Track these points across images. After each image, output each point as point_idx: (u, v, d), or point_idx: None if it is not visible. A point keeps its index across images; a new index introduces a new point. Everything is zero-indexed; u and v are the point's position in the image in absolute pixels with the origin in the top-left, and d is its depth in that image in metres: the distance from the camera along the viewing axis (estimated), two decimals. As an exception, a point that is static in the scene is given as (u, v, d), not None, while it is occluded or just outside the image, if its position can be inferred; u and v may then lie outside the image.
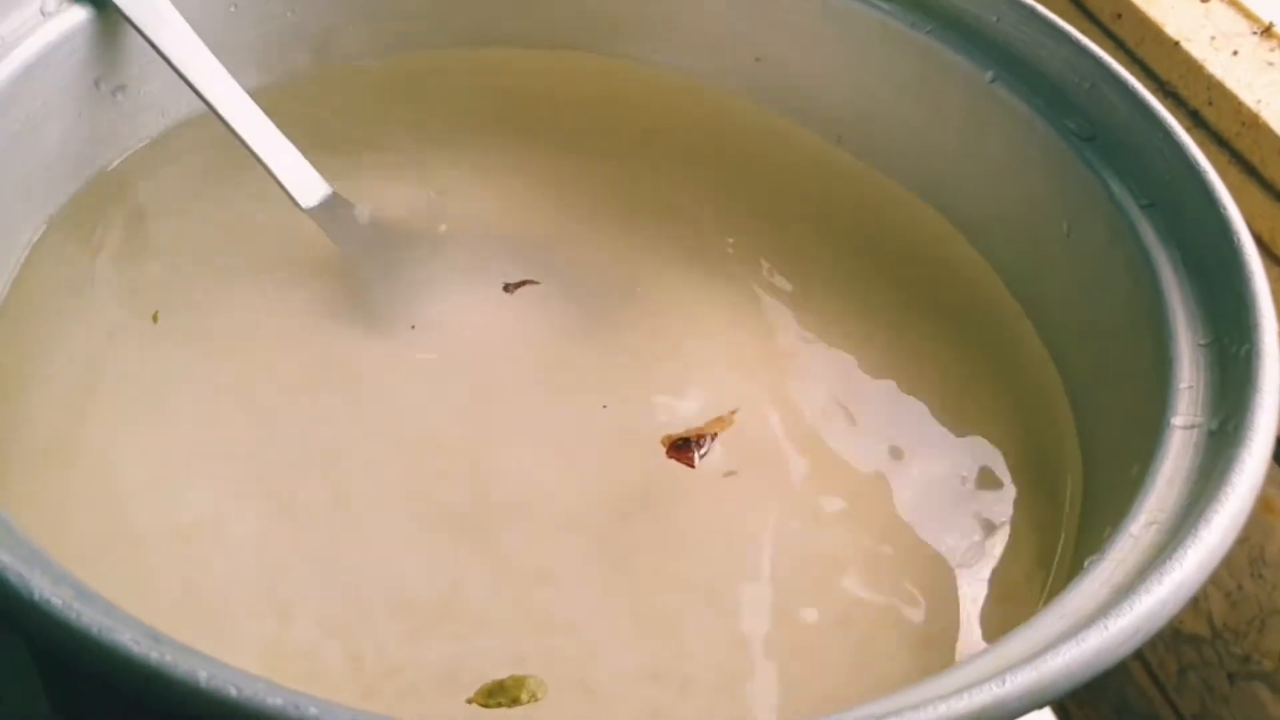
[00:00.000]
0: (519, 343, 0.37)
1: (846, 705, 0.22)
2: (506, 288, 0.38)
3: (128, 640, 0.20)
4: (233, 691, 0.20)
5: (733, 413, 0.34)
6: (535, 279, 0.38)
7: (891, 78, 0.39)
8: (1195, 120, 0.46)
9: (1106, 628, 0.22)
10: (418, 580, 0.31)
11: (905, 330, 0.38)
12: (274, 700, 0.20)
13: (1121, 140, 0.34)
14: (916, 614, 0.31)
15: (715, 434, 0.34)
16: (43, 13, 0.34)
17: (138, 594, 0.29)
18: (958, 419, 0.36)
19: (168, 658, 0.20)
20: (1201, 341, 0.29)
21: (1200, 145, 0.45)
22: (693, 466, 0.33)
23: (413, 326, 0.36)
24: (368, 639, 0.29)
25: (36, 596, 0.21)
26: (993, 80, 0.37)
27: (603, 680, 0.29)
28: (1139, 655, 0.52)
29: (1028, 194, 0.37)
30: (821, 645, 0.30)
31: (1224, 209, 0.31)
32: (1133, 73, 0.49)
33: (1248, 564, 0.46)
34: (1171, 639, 0.50)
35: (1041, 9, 0.37)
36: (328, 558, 0.31)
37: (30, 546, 0.22)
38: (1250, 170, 0.44)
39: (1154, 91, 0.47)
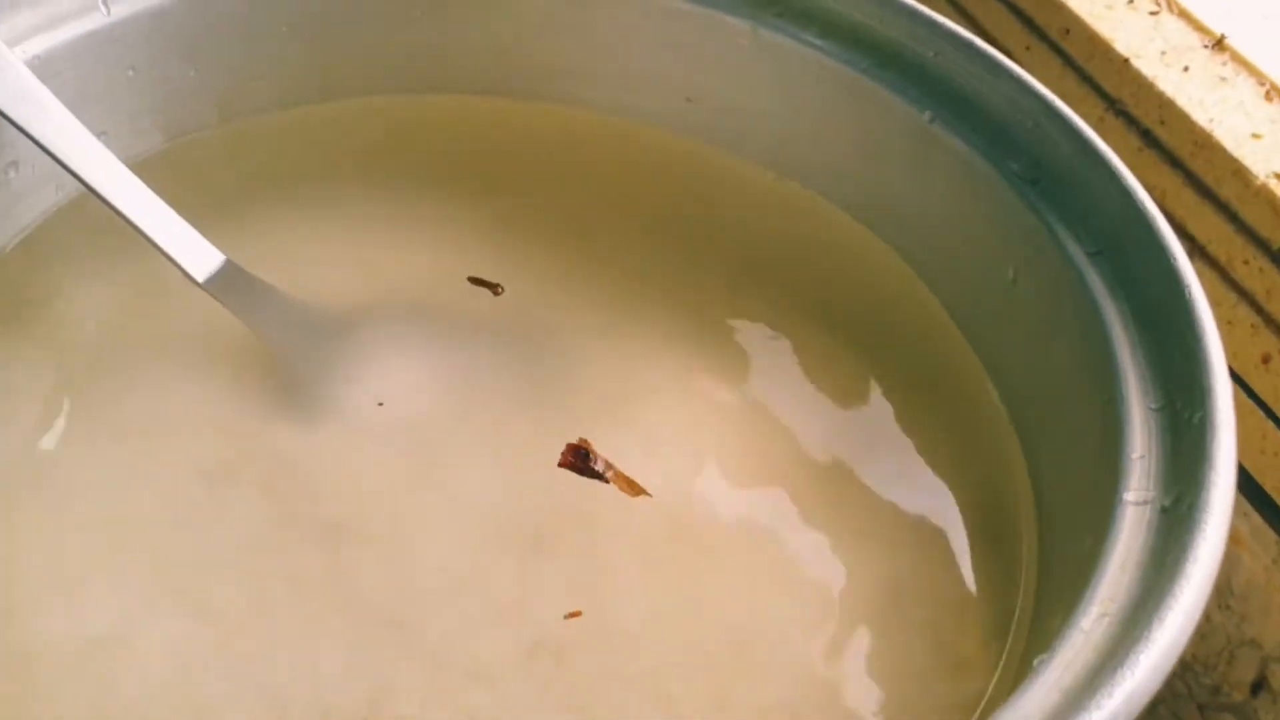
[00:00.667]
0: (451, 416, 0.35)
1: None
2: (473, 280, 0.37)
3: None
4: None
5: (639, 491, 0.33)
6: (474, 335, 0.37)
7: (829, 116, 0.38)
8: (1147, 140, 0.45)
9: (1054, 750, 0.21)
10: (342, 683, 0.29)
11: (859, 382, 0.36)
12: None
13: (1067, 183, 0.33)
14: (859, 692, 0.30)
15: (610, 470, 0.33)
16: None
17: (48, 715, 0.28)
18: (912, 475, 0.34)
19: None
20: (1153, 405, 0.28)
21: (1153, 166, 0.44)
22: (581, 474, 0.32)
23: (331, 404, 0.34)
24: (289, 753, 0.28)
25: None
26: (931, 120, 0.35)
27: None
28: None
29: (973, 238, 0.35)
30: (767, 737, 0.29)
31: (1174, 259, 0.30)
32: (1083, 92, 0.47)
33: (1215, 595, 0.45)
34: (1142, 668, 0.49)
35: (981, 44, 0.35)
36: (246, 665, 0.29)
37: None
38: (1205, 192, 0.43)
39: (1105, 110, 0.46)
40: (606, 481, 0.33)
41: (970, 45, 0.35)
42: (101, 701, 0.28)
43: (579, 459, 0.33)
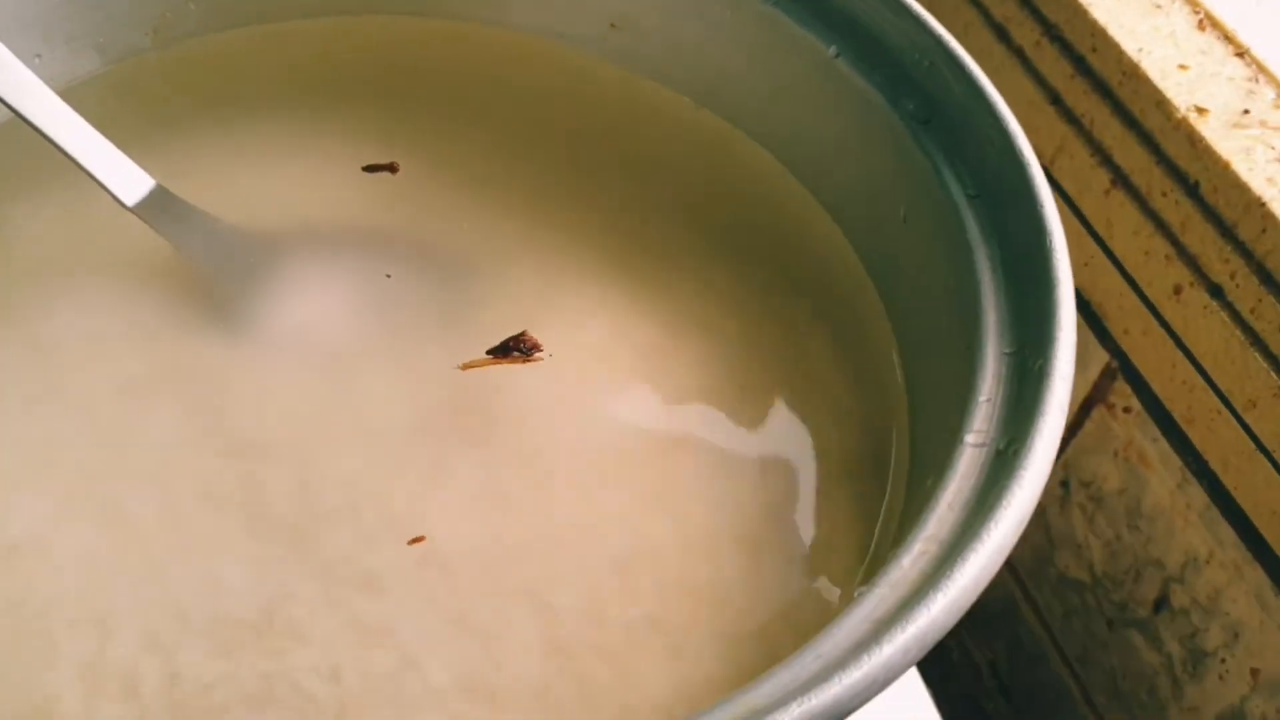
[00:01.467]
0: (365, 337, 0.37)
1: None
2: (367, 168, 0.38)
3: None
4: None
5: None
6: (393, 258, 0.38)
7: (743, 48, 0.39)
8: (1080, 67, 0.45)
9: (842, 680, 0.23)
10: (240, 593, 0.31)
11: (762, 312, 0.38)
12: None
13: (956, 124, 0.33)
14: (731, 611, 0.32)
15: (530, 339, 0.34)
16: None
17: (-41, 614, 0.30)
18: (803, 407, 0.36)
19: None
20: (1007, 350, 0.29)
21: (1083, 94, 0.45)
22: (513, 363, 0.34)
23: (253, 325, 0.36)
24: (186, 655, 0.30)
25: None
26: (836, 55, 0.36)
27: (415, 694, 0.30)
28: (1028, 598, 0.52)
29: (872, 174, 0.36)
30: (630, 649, 0.31)
31: (1041, 207, 0.30)
32: (1022, 15, 0.47)
33: (1125, 515, 0.47)
34: (1057, 583, 0.51)
35: (884, -19, 0.35)
36: (152, 572, 0.31)
37: None
38: (1130, 122, 0.43)
39: (1041, 35, 0.46)
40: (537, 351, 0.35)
41: (874, -18, 0.35)
42: (17, 601, 0.31)
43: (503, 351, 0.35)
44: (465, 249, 0.39)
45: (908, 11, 0.35)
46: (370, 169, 0.39)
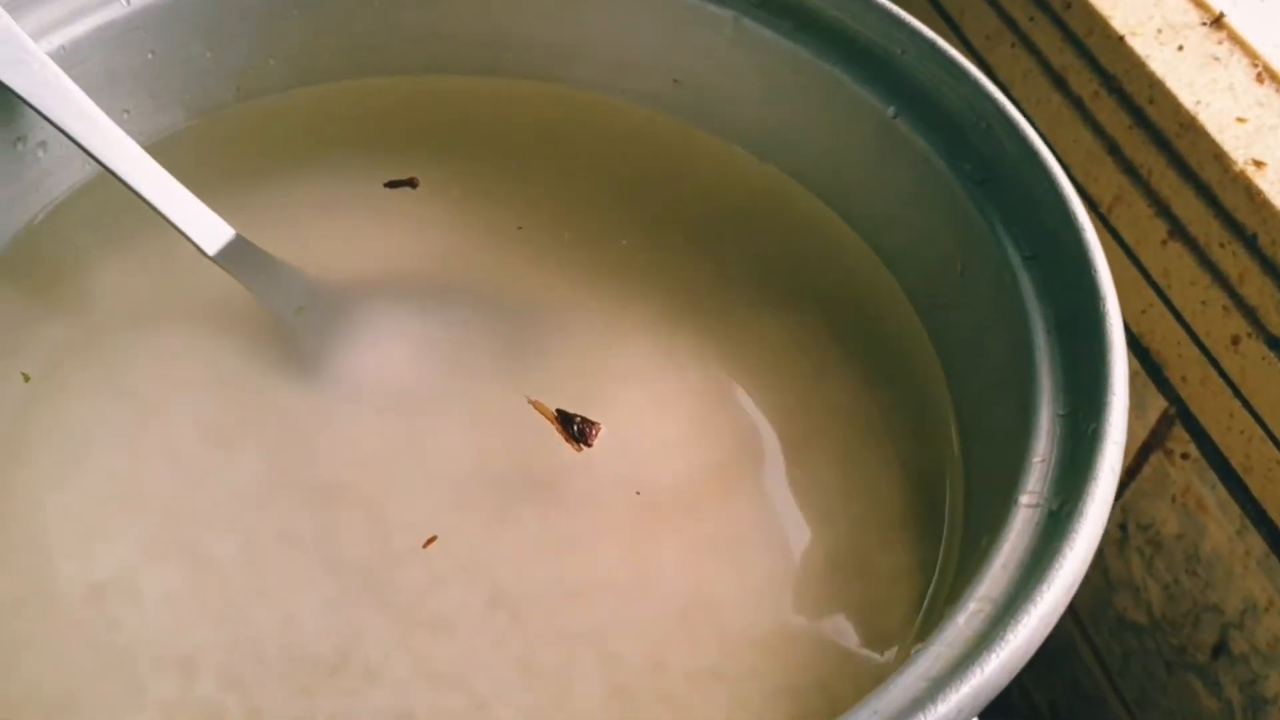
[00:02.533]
0: (436, 386, 0.38)
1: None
2: (389, 184, 0.40)
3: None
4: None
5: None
6: (464, 307, 0.40)
7: (804, 106, 0.39)
8: (1138, 119, 0.46)
9: (900, 743, 0.24)
10: (316, 634, 0.32)
11: (821, 363, 0.38)
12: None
13: (1012, 186, 0.34)
14: (791, 662, 0.32)
15: (594, 426, 0.35)
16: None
17: (53, 654, 0.32)
18: (861, 457, 0.36)
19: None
20: (1060, 412, 0.30)
21: (1141, 145, 0.45)
22: (566, 441, 0.35)
23: (327, 371, 0.38)
24: (265, 695, 0.31)
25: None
26: (895, 115, 0.37)
27: (484, 736, 0.31)
28: (1088, 639, 0.53)
29: (930, 231, 0.37)
30: (694, 698, 0.32)
31: (1095, 272, 0.31)
32: (1080, 65, 0.48)
33: (1183, 560, 0.47)
34: (1116, 625, 0.51)
35: (944, 45, 0.36)
36: (233, 612, 0.33)
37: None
38: (1187, 174, 0.44)
39: (1099, 86, 0.47)
40: (588, 445, 0.36)
41: (933, 45, 0.36)
42: (102, 643, 0.32)
43: (566, 422, 0.36)
44: (529, 299, 0.40)
45: (966, 75, 0.36)
46: (391, 185, 0.40)
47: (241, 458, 0.36)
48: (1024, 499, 0.28)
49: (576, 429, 0.35)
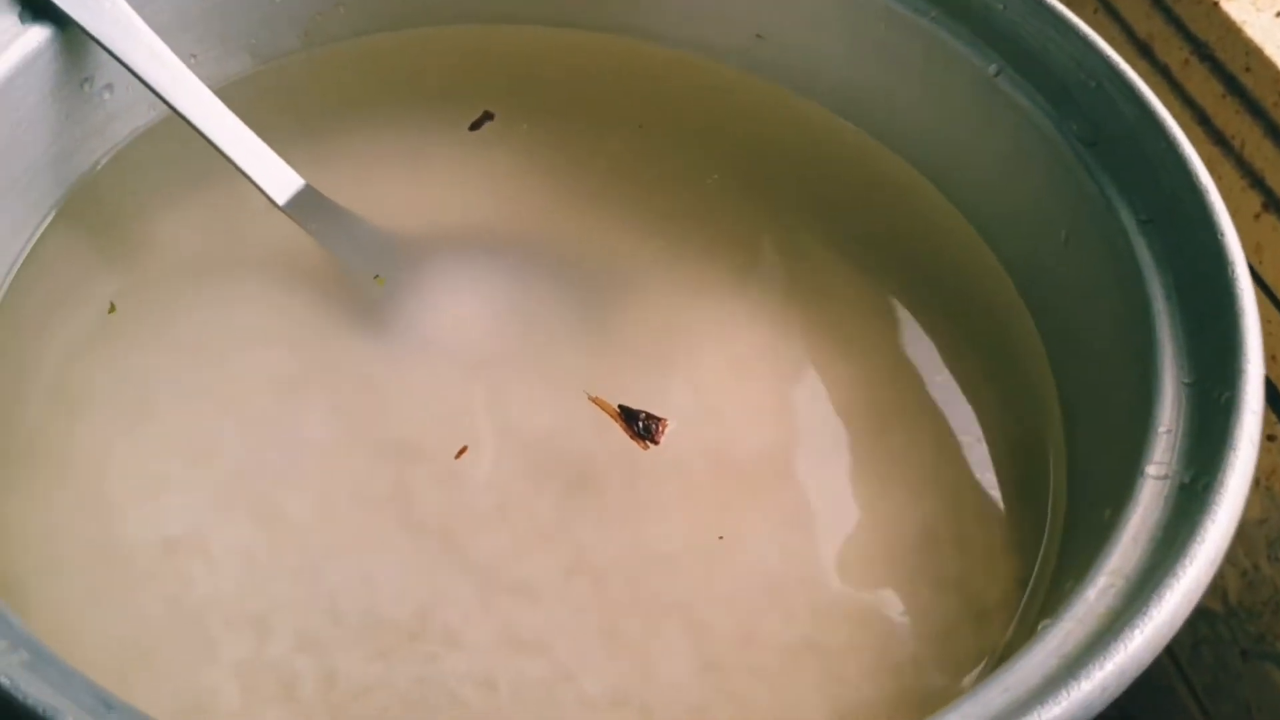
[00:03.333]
0: (509, 343, 0.37)
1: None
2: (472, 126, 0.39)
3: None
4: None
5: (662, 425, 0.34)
6: (535, 262, 0.38)
7: (896, 63, 0.38)
8: (1231, 87, 0.44)
9: (1042, 715, 0.22)
10: (393, 596, 0.31)
11: (908, 330, 0.37)
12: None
13: (1124, 148, 0.33)
14: (885, 636, 0.31)
15: (660, 423, 0.34)
16: (20, 22, 0.34)
17: (124, 610, 0.31)
18: (953, 427, 0.35)
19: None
20: (1186, 380, 0.29)
21: (1235, 114, 0.44)
22: (629, 436, 0.33)
23: (397, 325, 0.36)
24: (341, 657, 0.30)
25: None
26: (997, 74, 0.35)
27: (569, 705, 0.30)
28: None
29: (1029, 195, 0.35)
30: (787, 671, 0.30)
31: (1223, 236, 0.30)
32: (1169, 33, 0.47)
33: (1265, 546, 0.45)
34: (1185, 612, 0.49)
35: (1050, 0, 0.35)
36: (307, 571, 0.32)
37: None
38: (1284, 145, 0.42)
39: (1190, 54, 0.45)
40: (654, 443, 0.34)
41: (1039, 1, 0.35)
42: (177, 598, 0.31)
43: (630, 419, 0.34)
44: (606, 255, 0.39)
45: (1074, 31, 0.34)
46: (474, 126, 0.39)
47: (313, 412, 0.34)
48: (1150, 470, 0.27)
49: (641, 426, 0.34)
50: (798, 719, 0.30)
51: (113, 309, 0.35)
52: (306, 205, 0.37)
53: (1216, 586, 0.48)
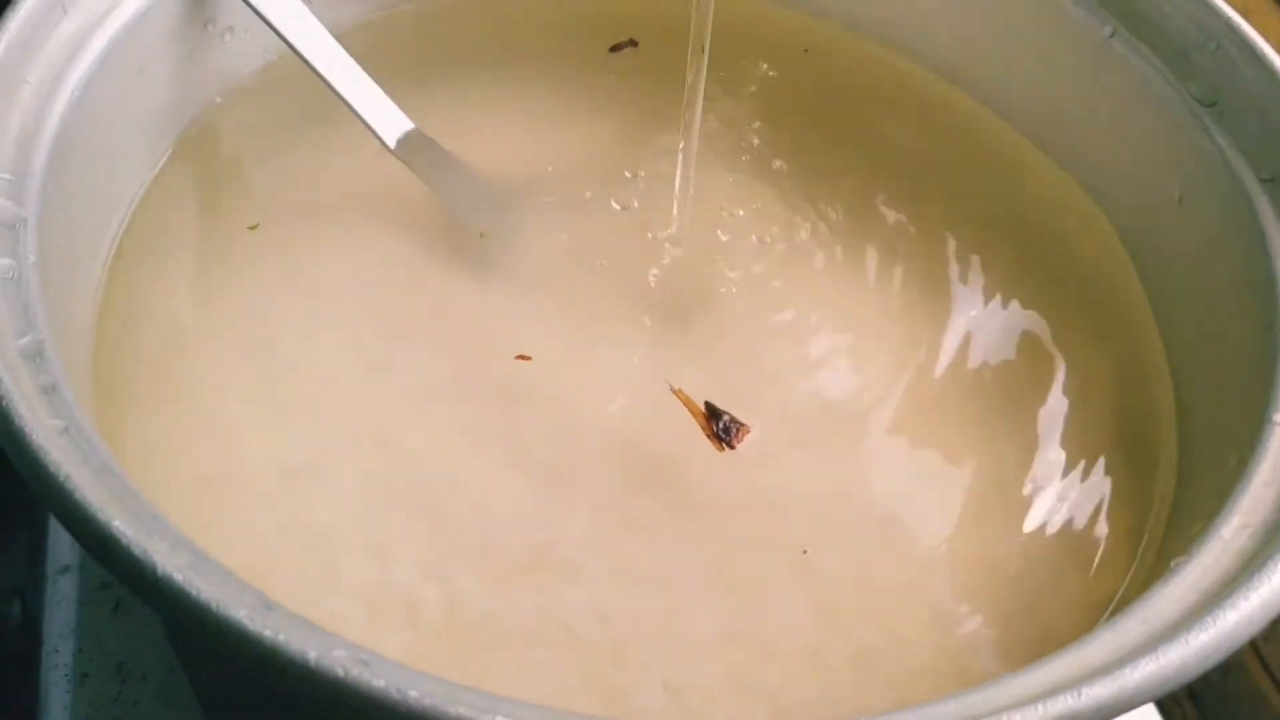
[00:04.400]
0: (622, 287, 0.37)
1: (918, 691, 0.23)
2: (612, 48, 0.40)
3: (243, 616, 0.21)
4: (339, 672, 0.21)
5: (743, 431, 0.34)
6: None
7: (1006, 23, 0.38)
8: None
9: (1189, 642, 0.23)
10: (509, 529, 0.32)
11: (1016, 289, 0.37)
12: (377, 683, 0.21)
13: (1245, 109, 0.33)
14: (999, 584, 0.32)
15: (742, 428, 0.34)
16: (156, -40, 0.34)
17: (244, 534, 0.31)
18: (1060, 383, 0.35)
19: (280, 636, 0.21)
20: (1311, 333, 0.29)
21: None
22: (709, 438, 0.34)
23: (503, 269, 0.37)
24: (461, 585, 0.31)
25: (159, 572, 0.22)
26: (1111, 35, 0.36)
27: (686, 640, 0.30)
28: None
29: (1143, 156, 0.36)
30: (901, 615, 0.31)
31: (1347, 193, 0.30)
32: (1267, 8, 0.47)
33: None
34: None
35: (1167, -40, 0.35)
36: (425, 503, 0.32)
37: (152, 514, 0.23)
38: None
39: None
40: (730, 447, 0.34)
41: (1156, -38, 0.35)
42: (295, 525, 0.31)
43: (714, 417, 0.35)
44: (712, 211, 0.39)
45: (1193, -8, 0.34)
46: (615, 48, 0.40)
47: (423, 352, 0.35)
48: (1278, 417, 0.27)
49: (723, 427, 0.34)
50: (911, 661, 0.30)
51: (253, 228, 0.35)
52: (416, 148, 0.37)
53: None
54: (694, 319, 0.37)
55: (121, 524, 0.23)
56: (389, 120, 0.37)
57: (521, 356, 0.33)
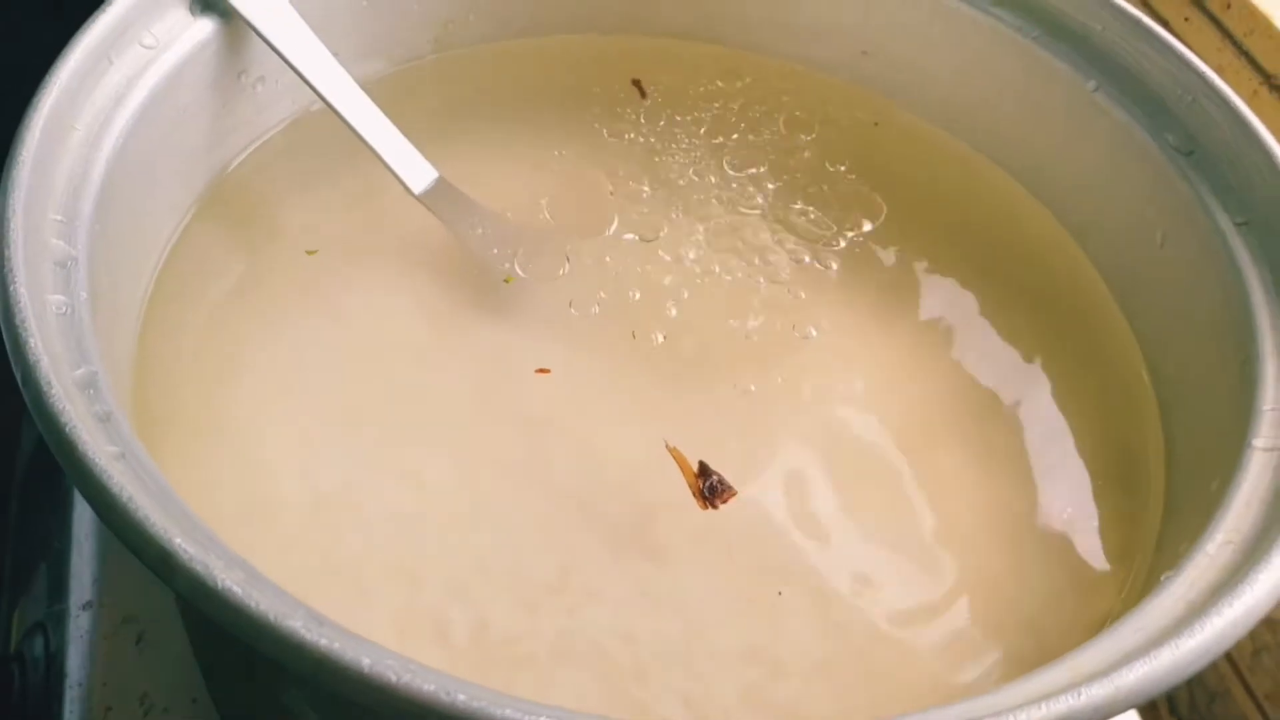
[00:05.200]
0: (641, 326, 0.39)
1: (925, 703, 0.24)
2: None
3: (299, 627, 0.23)
4: (392, 678, 0.22)
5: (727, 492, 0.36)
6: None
7: (998, 79, 0.41)
8: (1303, 112, 0.47)
9: (1178, 646, 0.24)
10: (536, 554, 0.33)
11: (1006, 328, 0.39)
12: (427, 686, 0.22)
13: (1219, 156, 0.35)
14: (999, 601, 0.33)
15: (728, 491, 0.36)
16: (191, 14, 0.36)
17: (281, 561, 0.32)
18: (1051, 416, 0.37)
19: (335, 644, 0.23)
20: (1286, 364, 0.31)
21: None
22: (694, 492, 0.35)
23: (522, 307, 0.39)
24: (490, 607, 0.32)
25: (219, 585, 0.23)
26: (1095, 89, 0.38)
27: (704, 659, 0.32)
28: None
29: (1126, 202, 0.38)
30: (907, 635, 0.32)
31: (1316, 235, 0.32)
32: (1239, 65, 0.49)
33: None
34: (1244, 620, 0.51)
35: (1146, 20, 0.37)
36: (454, 528, 0.34)
37: (207, 533, 0.25)
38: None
39: (1260, 84, 0.48)
40: (713, 507, 0.36)
41: (1136, 22, 0.37)
42: (331, 551, 0.33)
43: (704, 474, 0.36)
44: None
45: (1170, 50, 0.37)
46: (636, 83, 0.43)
47: (450, 386, 0.37)
48: (1258, 443, 0.29)
49: (709, 486, 0.35)
50: (917, 675, 0.31)
51: (311, 254, 0.37)
52: (439, 195, 0.39)
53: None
54: (705, 365, 0.38)
55: (183, 541, 0.24)
56: (414, 167, 0.39)
57: (541, 370, 0.36)
